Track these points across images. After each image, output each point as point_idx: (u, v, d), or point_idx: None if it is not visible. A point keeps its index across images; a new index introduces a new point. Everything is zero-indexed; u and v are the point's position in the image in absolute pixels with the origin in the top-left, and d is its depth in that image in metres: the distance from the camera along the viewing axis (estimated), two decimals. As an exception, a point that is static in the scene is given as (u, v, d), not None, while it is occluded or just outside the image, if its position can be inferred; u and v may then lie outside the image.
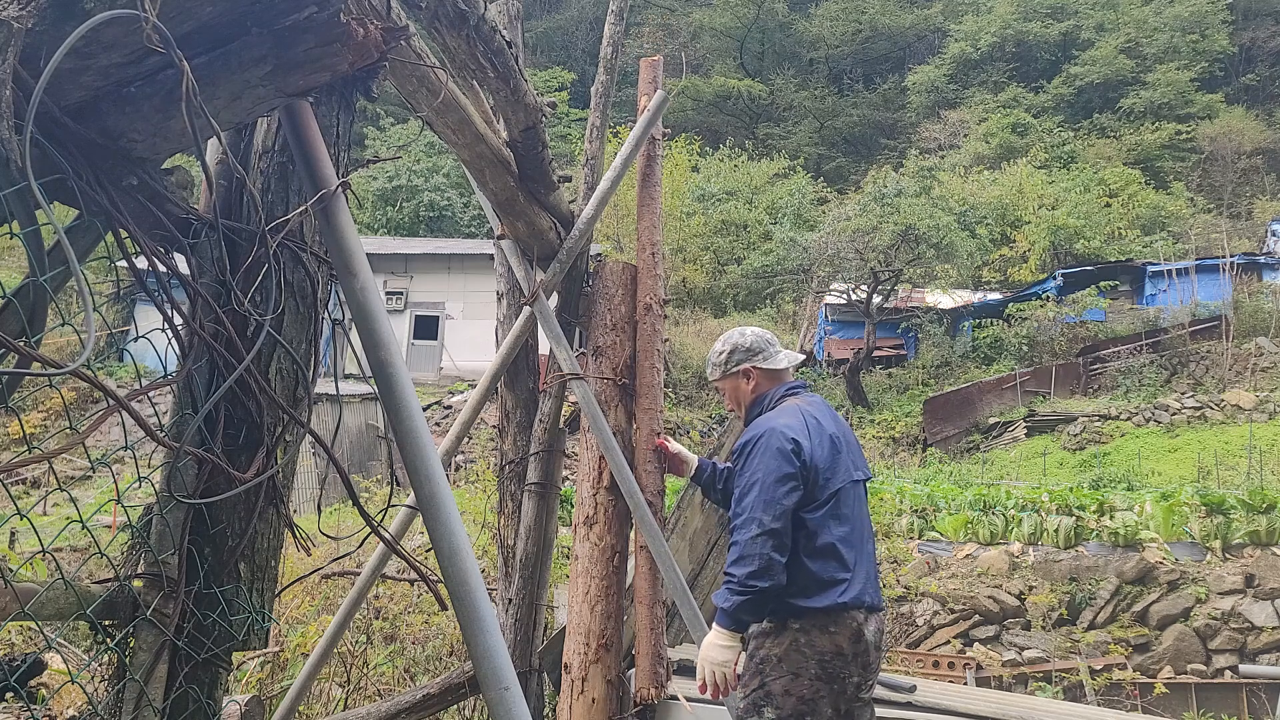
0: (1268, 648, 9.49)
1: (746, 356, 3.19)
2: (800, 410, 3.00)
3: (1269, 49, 46.44)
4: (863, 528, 2.93)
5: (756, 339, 3.23)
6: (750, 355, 3.19)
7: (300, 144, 1.78)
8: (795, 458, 2.81)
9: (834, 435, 2.95)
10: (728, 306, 34.75)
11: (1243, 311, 25.43)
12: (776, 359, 3.19)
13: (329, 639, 3.43)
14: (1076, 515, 11.05)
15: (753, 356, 3.19)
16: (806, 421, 2.93)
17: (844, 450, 2.95)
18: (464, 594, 1.76)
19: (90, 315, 1.32)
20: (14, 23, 1.18)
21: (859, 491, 2.98)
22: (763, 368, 3.18)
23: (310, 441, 1.94)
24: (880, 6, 52.74)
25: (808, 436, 2.87)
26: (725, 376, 3.24)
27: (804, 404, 3.05)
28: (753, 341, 3.22)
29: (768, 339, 3.24)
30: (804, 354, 30.43)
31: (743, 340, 3.23)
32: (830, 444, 2.91)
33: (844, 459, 2.92)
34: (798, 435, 2.86)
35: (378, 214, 36.39)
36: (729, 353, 3.22)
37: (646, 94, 4.12)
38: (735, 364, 3.20)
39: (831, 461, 2.88)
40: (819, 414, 3.02)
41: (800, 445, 2.83)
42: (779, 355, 3.20)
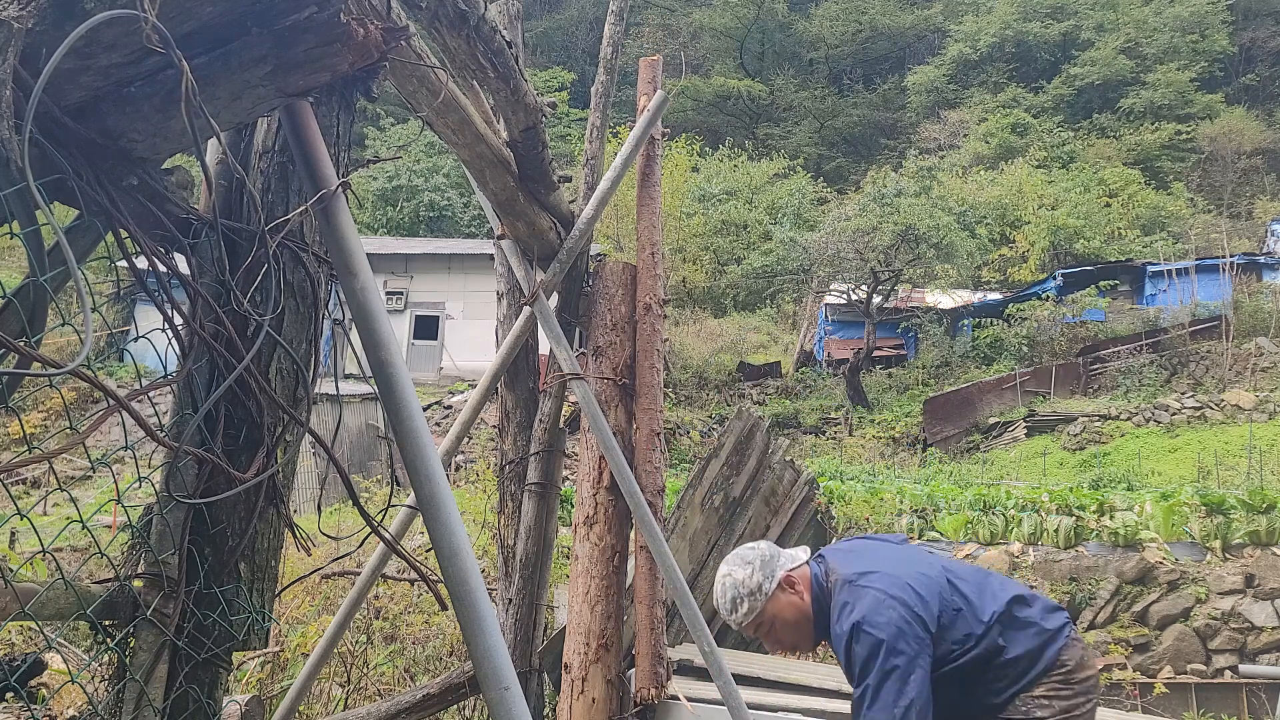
0: (1268, 648, 9.48)
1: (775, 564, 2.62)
2: (859, 584, 2.52)
3: (1269, 49, 46.45)
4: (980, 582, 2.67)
5: (767, 546, 2.69)
6: (776, 562, 2.62)
7: (300, 144, 1.78)
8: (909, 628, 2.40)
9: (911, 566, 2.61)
10: (728, 306, 34.78)
11: (1243, 311, 25.43)
12: (794, 555, 2.68)
13: (329, 639, 3.43)
14: (1076, 515, 11.04)
15: (778, 562, 2.62)
16: (880, 585, 2.48)
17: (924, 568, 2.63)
18: (464, 594, 1.76)
19: (89, 315, 1.32)
20: (14, 23, 1.18)
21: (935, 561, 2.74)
22: (794, 569, 2.64)
23: (310, 441, 1.94)
24: (880, 7, 52.74)
25: (895, 599, 2.44)
26: (768, 601, 2.58)
27: (846, 569, 2.60)
28: (767, 549, 2.67)
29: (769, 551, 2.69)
30: (804, 353, 30.60)
31: (759, 552, 2.65)
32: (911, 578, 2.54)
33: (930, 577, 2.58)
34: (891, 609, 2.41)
35: (378, 214, 36.40)
36: (758, 568, 2.60)
37: (646, 94, 4.12)
38: (772, 578, 2.58)
39: (930, 589, 2.53)
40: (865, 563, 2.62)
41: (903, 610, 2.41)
42: (791, 553, 2.71)
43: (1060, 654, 2.61)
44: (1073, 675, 2.61)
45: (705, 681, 3.75)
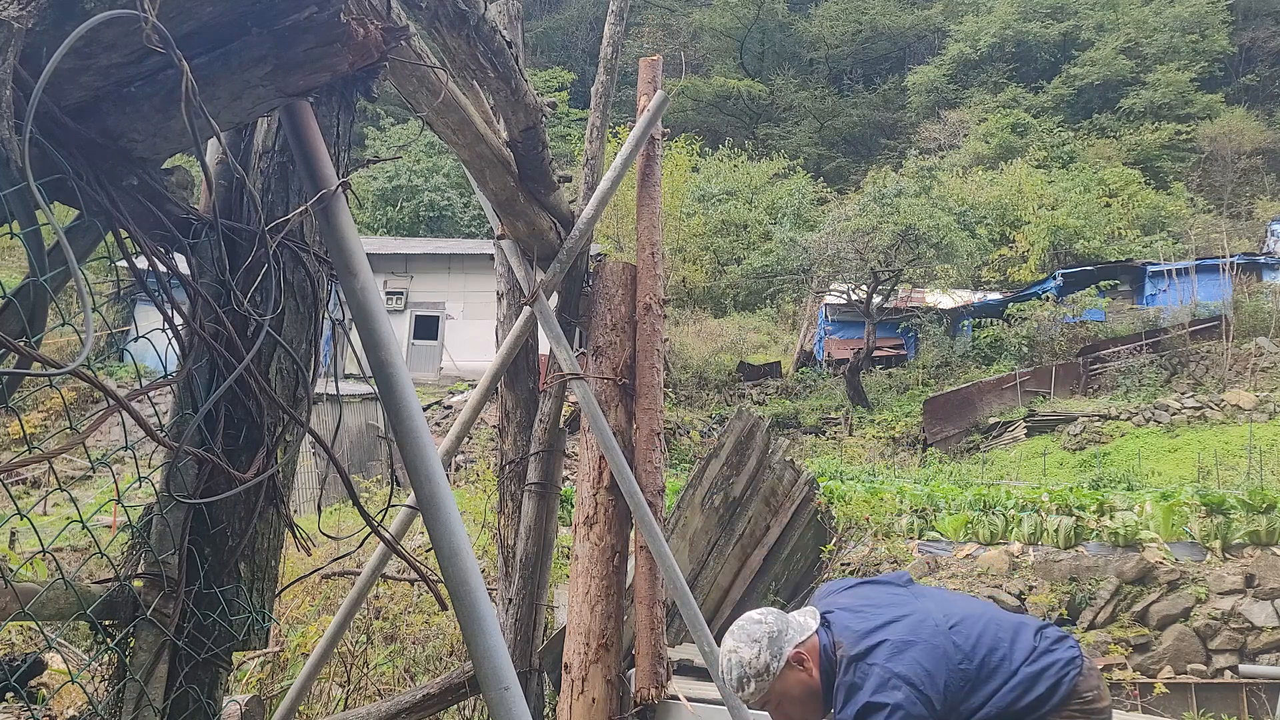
0: (1268, 648, 9.48)
1: (784, 641, 2.49)
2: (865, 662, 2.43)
3: (1269, 49, 46.45)
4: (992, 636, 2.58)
5: (776, 617, 2.55)
6: (785, 637, 2.50)
7: (300, 144, 1.78)
8: (931, 710, 2.36)
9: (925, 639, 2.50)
10: (728, 306, 34.79)
11: (1243, 311, 25.44)
12: (804, 624, 2.56)
13: (329, 639, 3.43)
14: (1076, 515, 11.05)
15: (786, 637, 2.50)
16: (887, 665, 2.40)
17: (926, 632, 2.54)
18: (464, 594, 1.76)
19: (89, 315, 1.32)
20: (14, 23, 1.18)
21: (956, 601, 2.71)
22: (801, 643, 2.51)
23: (310, 441, 1.94)
24: (880, 7, 52.75)
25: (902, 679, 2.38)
26: (776, 680, 2.47)
27: (850, 645, 2.48)
28: (776, 621, 2.52)
29: (778, 612, 2.60)
30: (804, 353, 30.59)
31: (767, 626, 2.51)
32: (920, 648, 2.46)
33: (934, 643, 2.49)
34: (897, 692, 2.34)
35: (378, 214, 36.40)
36: (766, 646, 2.47)
37: (646, 94, 4.12)
38: (779, 657, 2.47)
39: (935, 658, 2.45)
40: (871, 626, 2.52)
41: (909, 696, 2.35)
42: (801, 619, 2.58)
43: (1078, 684, 2.57)
44: (1091, 706, 2.58)
45: (705, 681, 3.76)
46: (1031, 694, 2.52)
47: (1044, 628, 2.70)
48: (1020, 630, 2.65)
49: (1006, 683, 2.51)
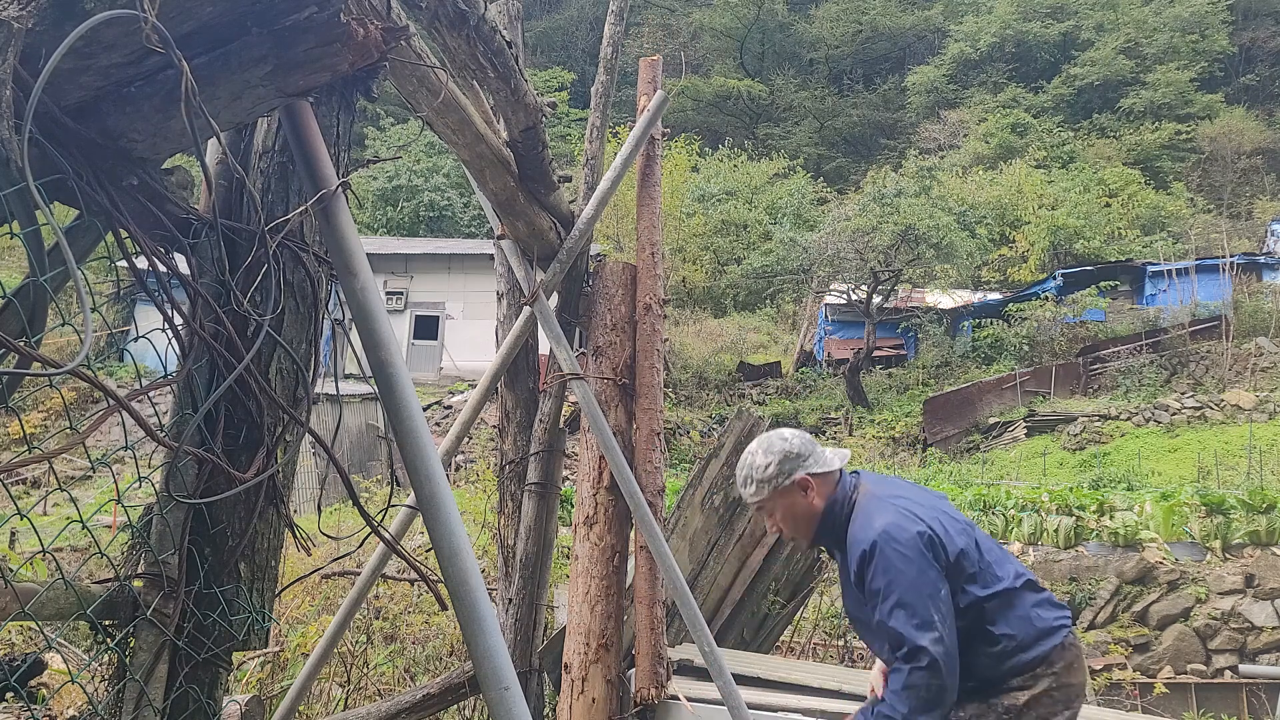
0: (1268, 648, 9.49)
1: (798, 464, 2.65)
2: (877, 499, 2.62)
3: (1269, 49, 46.45)
4: (1001, 554, 2.68)
5: (802, 441, 2.71)
6: (801, 461, 2.66)
7: (300, 144, 1.78)
8: (931, 549, 2.47)
9: (924, 501, 2.66)
10: (728, 306, 34.78)
11: (1243, 311, 25.44)
12: (828, 459, 2.70)
13: (329, 639, 3.43)
14: (1076, 515, 11.06)
15: (803, 462, 2.66)
16: (900, 509, 2.56)
17: (944, 505, 2.69)
18: (464, 594, 1.76)
19: (89, 315, 1.32)
20: (14, 23, 1.18)
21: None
22: (817, 473, 2.66)
23: (310, 441, 1.94)
24: (880, 7, 52.74)
25: (923, 517, 2.52)
26: (777, 493, 2.66)
27: (871, 493, 2.67)
28: (800, 445, 2.69)
29: (810, 439, 2.73)
30: (804, 353, 30.60)
31: (788, 445, 2.68)
32: (939, 514, 2.60)
33: (952, 515, 2.64)
34: (921, 528, 2.47)
35: (378, 214, 36.39)
36: (778, 462, 2.65)
37: (646, 94, 4.12)
38: (787, 475, 2.64)
39: (954, 528, 2.57)
40: (894, 492, 2.69)
41: (931, 539, 2.47)
42: (825, 455, 2.72)
43: (1051, 653, 2.56)
44: (1061, 679, 2.55)
45: (705, 681, 3.75)
46: (1004, 628, 2.54)
47: (1048, 593, 2.71)
48: (1029, 575, 2.69)
49: (994, 598, 2.55)
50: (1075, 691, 2.61)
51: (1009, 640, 2.53)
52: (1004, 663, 2.54)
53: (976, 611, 2.53)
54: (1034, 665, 2.54)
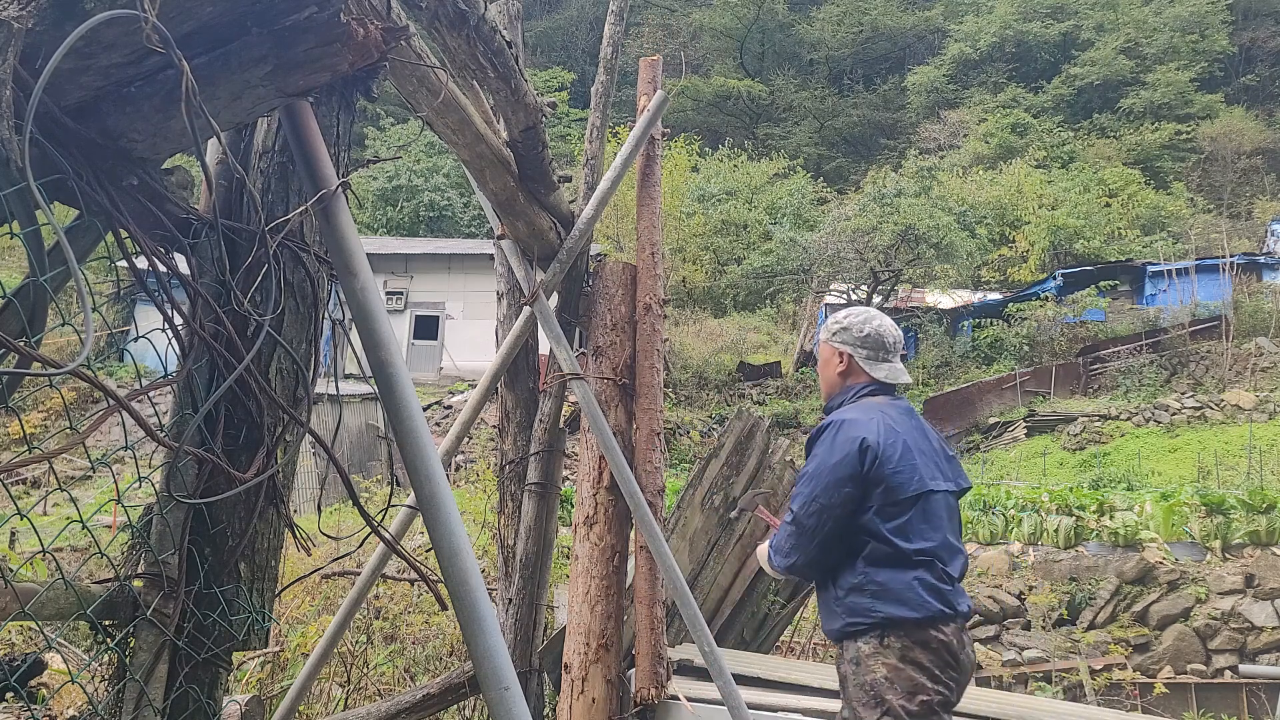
0: (1268, 648, 9.49)
1: (848, 338, 2.93)
2: (880, 409, 2.82)
3: (1269, 49, 46.45)
4: (952, 541, 2.75)
5: (875, 335, 2.92)
6: (853, 340, 2.93)
7: (300, 144, 1.78)
8: (860, 458, 2.67)
9: (910, 441, 2.76)
10: (728, 306, 34.77)
11: (1243, 311, 25.44)
12: (877, 368, 2.92)
13: (329, 639, 3.43)
14: (1076, 515, 11.06)
15: (855, 343, 2.92)
16: (882, 422, 2.75)
17: (923, 458, 2.76)
18: (464, 594, 1.76)
19: (90, 315, 1.32)
20: (14, 23, 1.18)
21: (948, 502, 2.79)
22: (858, 359, 2.93)
23: (310, 441, 1.94)
24: (881, 8, 52.75)
25: (879, 437, 2.70)
26: (825, 344, 3.01)
27: (884, 404, 2.86)
28: (869, 334, 2.92)
29: (885, 343, 2.93)
30: (804, 353, 30.59)
31: (861, 326, 2.93)
32: (904, 449, 2.71)
33: (921, 467, 2.73)
34: (867, 434, 2.69)
35: (378, 214, 36.39)
36: (840, 328, 2.96)
37: (646, 94, 4.12)
38: (839, 339, 2.96)
39: (906, 468, 2.69)
40: (897, 418, 2.82)
41: (868, 444, 2.67)
42: (882, 366, 2.92)
43: (937, 624, 2.60)
44: (909, 659, 2.59)
45: (705, 681, 3.75)
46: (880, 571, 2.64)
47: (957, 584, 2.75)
48: (958, 553, 2.76)
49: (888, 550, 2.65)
50: (953, 676, 2.63)
51: (869, 582, 2.65)
52: (854, 596, 2.67)
53: (867, 536, 2.68)
54: (880, 626, 2.62)
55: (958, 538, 2.79)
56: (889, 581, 2.63)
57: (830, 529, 2.69)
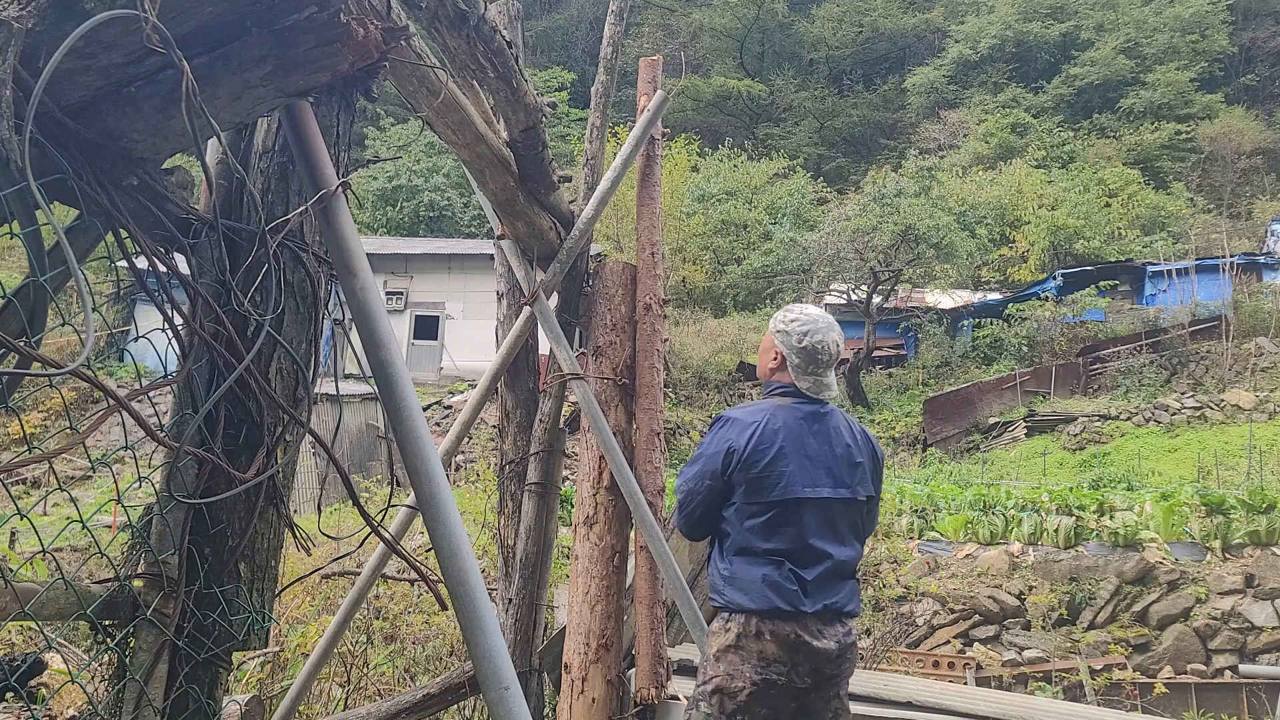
0: (1268, 648, 9.49)
1: (789, 346, 2.95)
2: (776, 411, 2.89)
3: (1269, 49, 46.43)
4: (817, 544, 2.81)
5: (812, 349, 2.92)
6: (790, 349, 2.95)
7: (300, 144, 1.78)
8: (724, 461, 2.84)
9: (791, 448, 2.82)
10: (728, 306, 34.75)
11: (1243, 311, 25.43)
12: (803, 378, 2.94)
13: (329, 639, 3.43)
14: (1076, 515, 11.06)
15: (790, 352, 2.95)
16: (766, 428, 2.83)
17: (805, 464, 2.82)
18: (464, 594, 1.76)
19: (90, 315, 1.32)
20: (14, 23, 1.18)
21: (829, 508, 2.85)
22: (789, 368, 2.96)
23: (310, 441, 1.94)
24: (881, 8, 52.73)
25: (751, 443, 2.81)
26: (770, 333, 3.06)
27: (789, 406, 2.92)
28: (807, 346, 2.92)
29: (819, 358, 2.93)
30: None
31: (801, 337, 2.94)
32: (776, 455, 2.80)
33: (795, 474, 2.80)
34: (737, 441, 2.83)
35: (378, 214, 36.37)
36: (783, 331, 2.99)
37: (646, 94, 4.12)
38: (779, 339, 2.99)
39: (773, 474, 2.79)
40: (793, 423, 2.87)
41: (733, 450, 2.82)
42: (808, 378, 2.94)
43: (774, 619, 2.71)
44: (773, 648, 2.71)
45: (705, 681, 3.75)
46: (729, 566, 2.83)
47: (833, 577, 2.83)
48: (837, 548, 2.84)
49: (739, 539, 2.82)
50: (805, 670, 2.74)
51: (726, 567, 2.85)
52: (715, 576, 2.90)
53: (728, 527, 2.87)
54: (725, 608, 2.82)
55: (840, 542, 2.86)
56: (739, 571, 2.81)
57: (699, 510, 2.91)
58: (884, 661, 8.03)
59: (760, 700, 2.73)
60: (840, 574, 2.85)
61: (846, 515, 2.90)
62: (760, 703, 2.73)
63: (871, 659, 7.58)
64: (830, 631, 2.80)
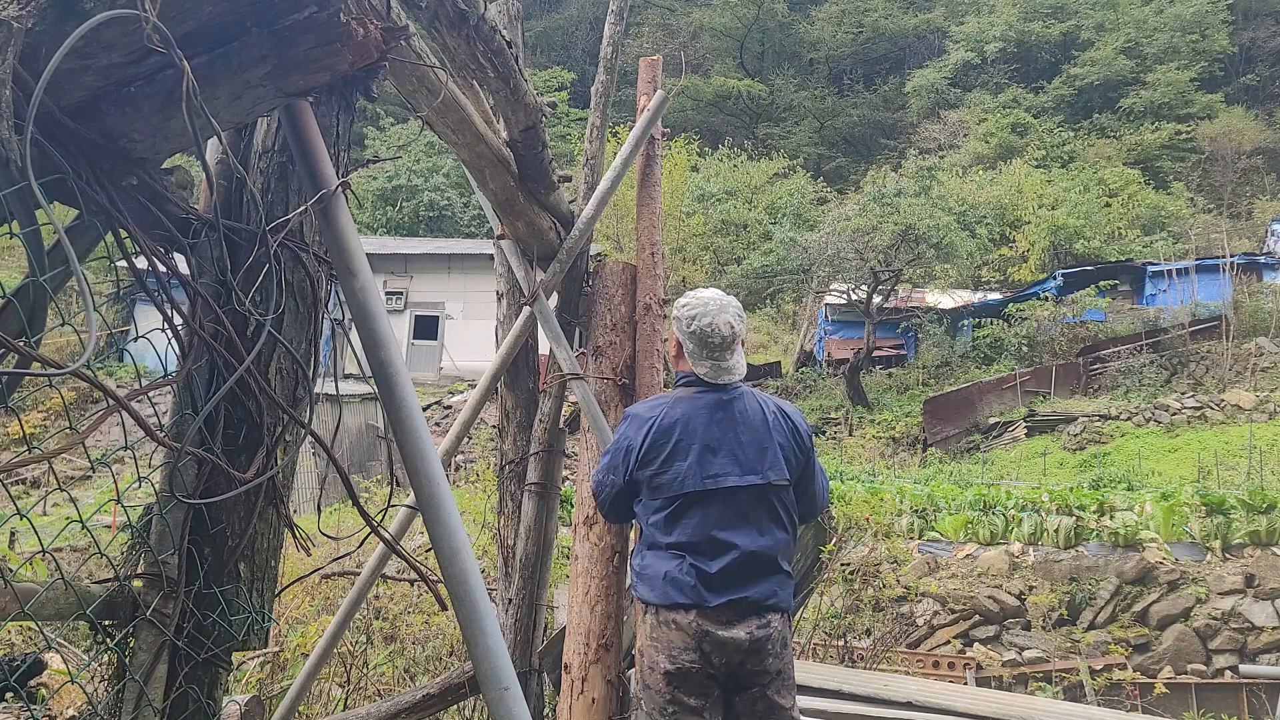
0: (1268, 648, 9.49)
1: (681, 331, 2.90)
2: (674, 403, 2.87)
3: (1269, 49, 46.42)
4: (721, 536, 2.77)
5: (700, 332, 2.84)
6: (683, 334, 2.89)
7: (300, 144, 1.78)
8: (624, 459, 2.88)
9: (685, 441, 2.80)
10: (728, 306, 34.70)
11: (1243, 311, 25.44)
12: (699, 364, 2.88)
13: (329, 639, 3.43)
14: (1076, 515, 11.06)
15: (683, 337, 2.89)
16: (661, 423, 2.82)
17: (707, 456, 2.79)
18: (464, 594, 1.76)
19: (91, 315, 1.32)
20: (14, 23, 1.18)
21: (734, 495, 2.79)
22: (685, 353, 2.92)
23: (310, 441, 1.94)
24: (881, 9, 52.73)
25: (647, 439, 2.82)
26: (672, 319, 3.00)
27: (690, 397, 2.88)
28: (696, 330, 2.85)
29: (710, 342, 2.84)
30: (804, 353, 30.55)
31: (691, 320, 2.87)
32: (673, 451, 2.78)
33: (692, 467, 2.77)
34: (633, 440, 2.85)
35: (378, 214, 36.38)
36: (676, 317, 2.94)
37: (646, 94, 4.12)
38: (675, 325, 2.94)
39: (669, 469, 2.78)
40: (694, 413, 2.83)
41: (630, 448, 2.85)
42: (704, 364, 2.87)
43: (675, 611, 2.72)
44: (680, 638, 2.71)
45: (705, 681, 3.75)
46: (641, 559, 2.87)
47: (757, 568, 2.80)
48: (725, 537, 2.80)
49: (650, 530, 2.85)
50: (656, 663, 2.75)
51: (639, 560, 2.89)
52: (631, 570, 2.96)
53: (638, 521, 2.94)
54: (640, 600, 2.85)
55: (756, 531, 2.80)
56: (648, 565, 2.84)
57: (608, 501, 2.97)
58: (884, 661, 8.03)
59: (682, 688, 2.72)
60: (755, 565, 2.77)
61: (761, 503, 2.82)
62: (684, 691, 2.72)
63: (871, 659, 7.58)
64: (742, 624, 2.74)
